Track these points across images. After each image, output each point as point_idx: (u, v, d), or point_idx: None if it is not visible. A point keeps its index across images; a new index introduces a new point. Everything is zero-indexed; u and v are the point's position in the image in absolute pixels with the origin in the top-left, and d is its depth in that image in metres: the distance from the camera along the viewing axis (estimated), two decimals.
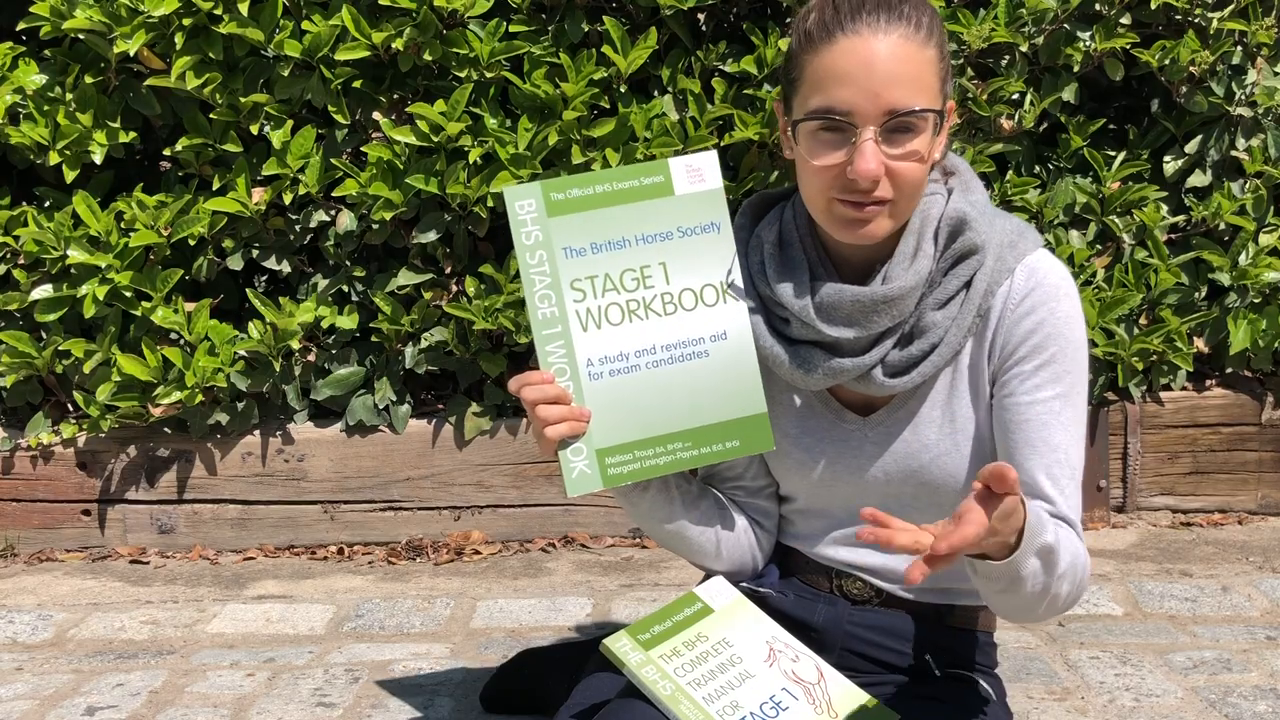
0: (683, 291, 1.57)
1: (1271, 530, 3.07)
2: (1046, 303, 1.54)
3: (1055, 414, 1.54)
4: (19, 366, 2.96)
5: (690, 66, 2.98)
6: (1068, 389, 1.54)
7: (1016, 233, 1.57)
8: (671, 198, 1.58)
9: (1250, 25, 2.98)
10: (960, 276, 1.55)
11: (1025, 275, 1.55)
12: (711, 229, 1.59)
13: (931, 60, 1.47)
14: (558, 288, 1.55)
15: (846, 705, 1.55)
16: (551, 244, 1.56)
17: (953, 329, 1.55)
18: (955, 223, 1.55)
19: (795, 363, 1.57)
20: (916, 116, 1.45)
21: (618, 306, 1.56)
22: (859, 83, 1.44)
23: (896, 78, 1.44)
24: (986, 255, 1.54)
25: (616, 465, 1.55)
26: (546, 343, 1.55)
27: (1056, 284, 1.54)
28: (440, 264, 3.01)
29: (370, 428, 3.04)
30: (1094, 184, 3.02)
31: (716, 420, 1.57)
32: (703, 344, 1.57)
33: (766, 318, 1.59)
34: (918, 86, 1.45)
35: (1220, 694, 2.19)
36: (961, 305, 1.55)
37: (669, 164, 1.59)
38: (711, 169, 1.60)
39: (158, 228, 2.92)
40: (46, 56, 3.01)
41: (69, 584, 2.87)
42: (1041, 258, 1.56)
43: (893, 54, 1.44)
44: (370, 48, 2.87)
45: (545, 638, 2.50)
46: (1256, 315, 3.03)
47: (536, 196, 1.56)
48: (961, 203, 1.56)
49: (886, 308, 1.52)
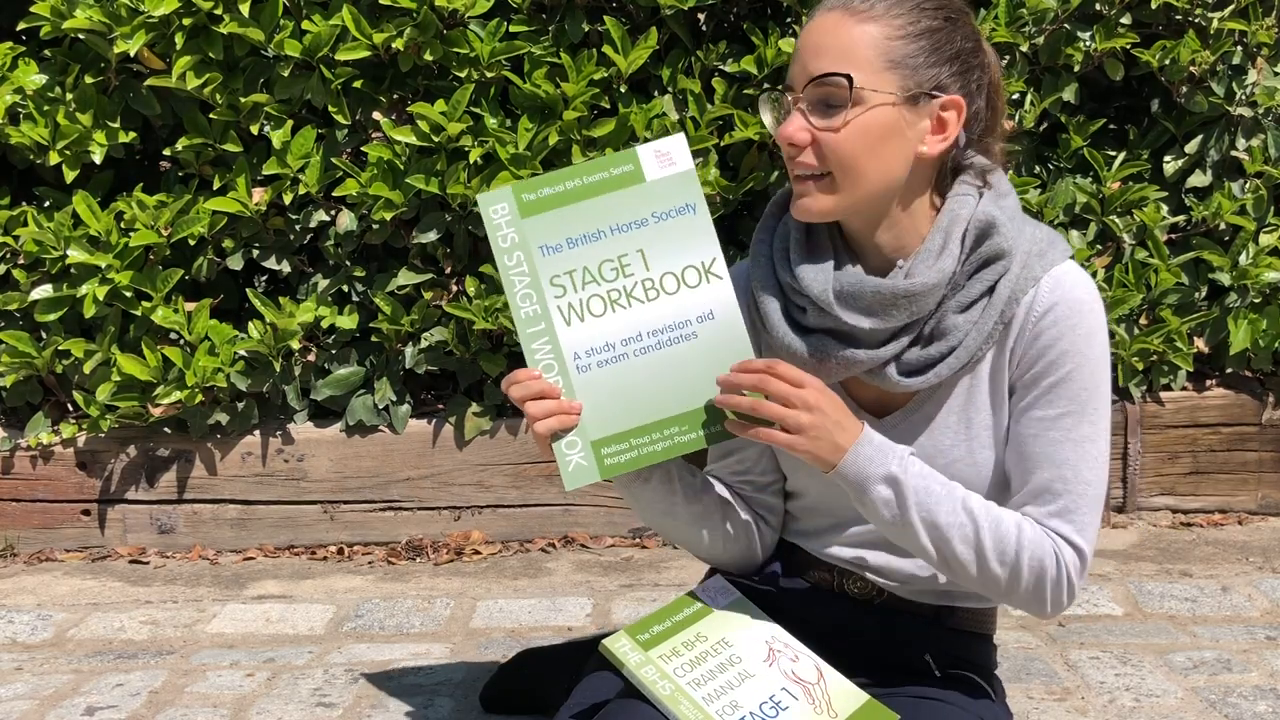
0: (664, 276, 1.57)
1: (1271, 530, 3.07)
2: (1069, 317, 1.53)
3: (1066, 431, 1.54)
4: (19, 366, 2.96)
5: (690, 66, 2.98)
6: (1082, 406, 1.54)
7: (1046, 242, 1.57)
8: (643, 184, 1.59)
9: (1250, 25, 2.98)
10: (985, 281, 1.54)
11: (1051, 286, 1.54)
12: (687, 210, 1.58)
13: (871, 36, 1.49)
14: (538, 286, 1.57)
15: (846, 705, 1.55)
16: (528, 244, 1.57)
17: (973, 333, 1.54)
18: (983, 226, 1.54)
19: (810, 351, 1.57)
20: (828, 81, 1.48)
21: (599, 298, 1.57)
22: (797, 56, 1.53)
23: (822, 49, 1.51)
24: (1013, 262, 1.54)
25: (613, 455, 1.55)
26: (531, 341, 1.56)
27: (1081, 298, 1.54)
28: (440, 264, 3.01)
29: (370, 428, 3.04)
30: (1094, 184, 3.02)
31: (711, 401, 1.56)
32: (689, 326, 1.57)
33: (784, 306, 1.60)
34: (840, 57, 1.49)
35: (1220, 694, 2.19)
36: (984, 310, 1.54)
37: (637, 151, 1.60)
38: (681, 151, 1.60)
39: (158, 228, 2.92)
40: (46, 56, 3.01)
41: (69, 584, 2.87)
42: (1069, 269, 1.56)
43: (824, 27, 1.52)
44: (370, 48, 2.87)
45: (545, 638, 2.50)
46: (1257, 315, 3.03)
47: (509, 200, 1.58)
48: (992, 207, 1.56)
49: (906, 302, 1.52)
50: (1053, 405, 1.54)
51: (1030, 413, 1.56)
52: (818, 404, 1.48)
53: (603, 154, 2.87)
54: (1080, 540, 1.54)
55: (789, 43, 2.87)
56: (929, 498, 1.51)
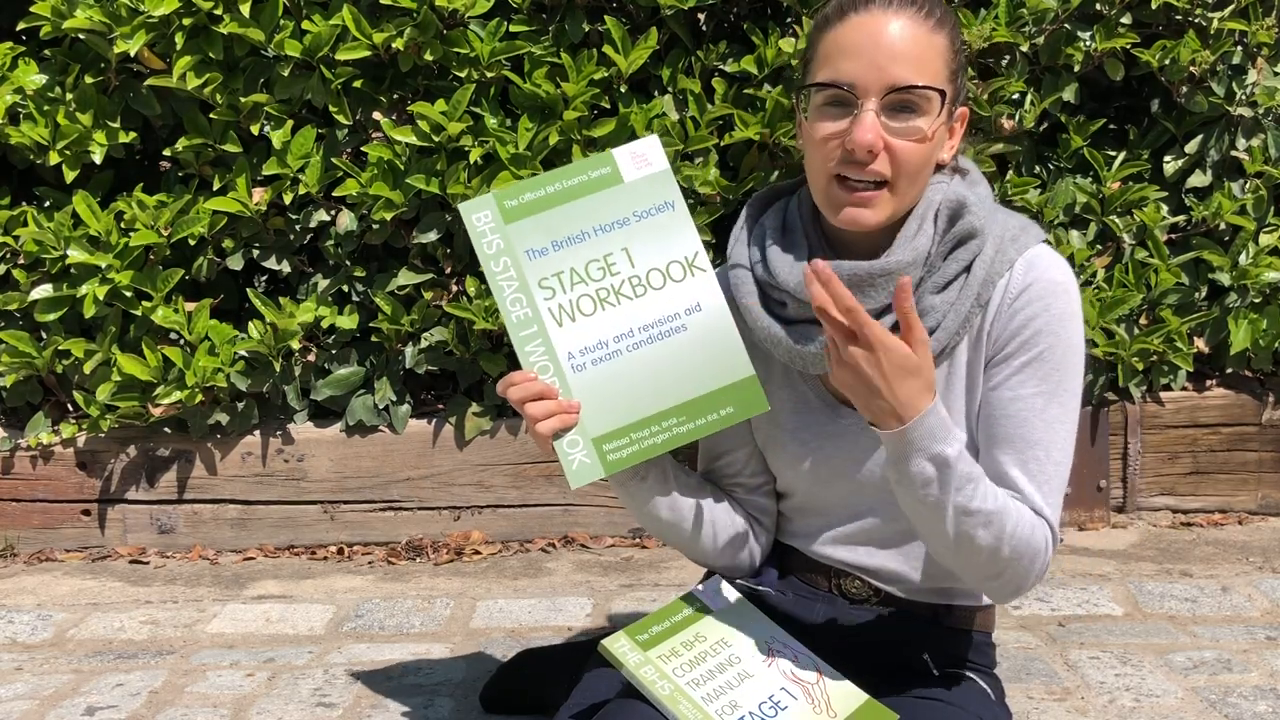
0: (649, 271, 1.60)
1: (1271, 530, 3.07)
2: (1043, 298, 1.54)
3: (1037, 411, 1.53)
4: (19, 366, 2.96)
5: (690, 66, 2.98)
6: (1054, 387, 1.54)
7: (1019, 227, 1.58)
8: (622, 185, 1.62)
9: (1250, 25, 2.98)
10: (960, 260, 1.55)
11: (1025, 269, 1.55)
12: (666, 208, 1.62)
13: (939, 48, 1.49)
14: (526, 289, 1.59)
15: (845, 705, 1.55)
16: (513, 249, 1.60)
17: (950, 314, 1.55)
18: (955, 206, 1.56)
19: (793, 338, 1.57)
20: (918, 93, 1.47)
21: (588, 297, 1.59)
22: (865, 56, 1.48)
23: (901, 55, 1.47)
24: (986, 242, 1.55)
25: (615, 450, 1.57)
26: (525, 343, 1.58)
27: (1056, 279, 1.55)
28: (440, 264, 3.01)
29: (370, 428, 3.04)
30: (1094, 184, 3.02)
31: (706, 390, 1.59)
32: (678, 319, 1.60)
33: (763, 301, 1.60)
34: (921, 66, 1.48)
35: (1220, 694, 2.19)
36: (960, 291, 1.55)
37: (614, 154, 1.64)
38: (656, 153, 1.64)
39: (158, 228, 2.92)
40: (46, 56, 3.01)
41: (69, 584, 2.87)
42: (1043, 252, 1.57)
43: (900, 32, 1.48)
44: (371, 48, 2.87)
45: (545, 638, 2.50)
46: (1257, 315, 3.03)
47: (491, 207, 1.61)
48: (963, 189, 1.58)
49: (884, 281, 1.53)
50: (1024, 385, 1.54)
51: (1001, 390, 1.55)
52: (925, 347, 1.41)
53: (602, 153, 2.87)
54: (1053, 519, 1.54)
55: (789, 43, 2.87)
56: (969, 484, 1.46)
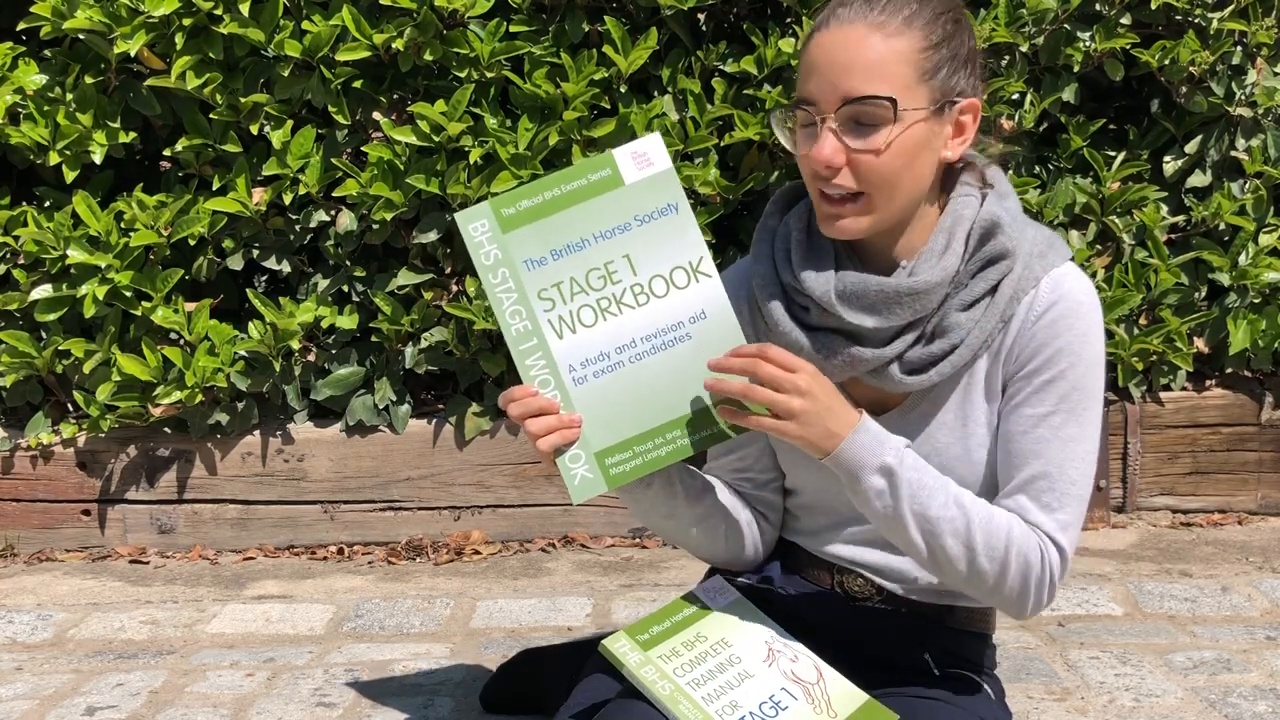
0: (652, 279, 1.56)
1: (1271, 530, 3.07)
2: (1067, 317, 1.54)
3: (1055, 429, 1.54)
4: (19, 366, 2.96)
5: (690, 66, 2.98)
6: (1074, 406, 1.54)
7: (1046, 243, 1.58)
8: (623, 188, 1.57)
9: (1250, 25, 2.98)
10: (988, 280, 1.55)
11: (1050, 287, 1.55)
12: (670, 210, 1.57)
13: (900, 51, 1.47)
14: (526, 301, 1.55)
15: (845, 705, 1.55)
16: (512, 259, 1.55)
17: (975, 331, 1.55)
18: (988, 226, 1.55)
19: (816, 348, 1.56)
20: (869, 103, 1.46)
21: (589, 308, 1.55)
22: (821, 72, 1.48)
23: (851, 66, 1.46)
24: (1016, 262, 1.55)
25: (618, 464, 1.54)
26: (525, 357, 1.54)
27: (1080, 300, 1.55)
28: (440, 264, 3.01)
29: (370, 428, 3.04)
30: (1094, 184, 3.02)
31: (711, 402, 1.54)
32: (682, 327, 1.55)
33: (786, 305, 1.59)
34: (875, 74, 1.46)
35: (1220, 694, 2.19)
36: (986, 309, 1.55)
37: (614, 155, 1.58)
38: (658, 151, 1.58)
39: (158, 228, 2.92)
40: (46, 56, 3.01)
41: (69, 584, 2.87)
42: (1069, 271, 1.57)
43: (851, 42, 1.47)
44: (371, 48, 2.87)
45: (545, 638, 2.50)
46: (1256, 315, 3.03)
47: (488, 216, 1.56)
48: (996, 207, 1.57)
49: (910, 300, 1.53)
50: (1043, 403, 1.55)
51: (1020, 409, 1.56)
52: (810, 389, 1.46)
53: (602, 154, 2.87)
54: (1063, 539, 1.54)
55: (789, 43, 2.87)
56: (922, 490, 1.50)
